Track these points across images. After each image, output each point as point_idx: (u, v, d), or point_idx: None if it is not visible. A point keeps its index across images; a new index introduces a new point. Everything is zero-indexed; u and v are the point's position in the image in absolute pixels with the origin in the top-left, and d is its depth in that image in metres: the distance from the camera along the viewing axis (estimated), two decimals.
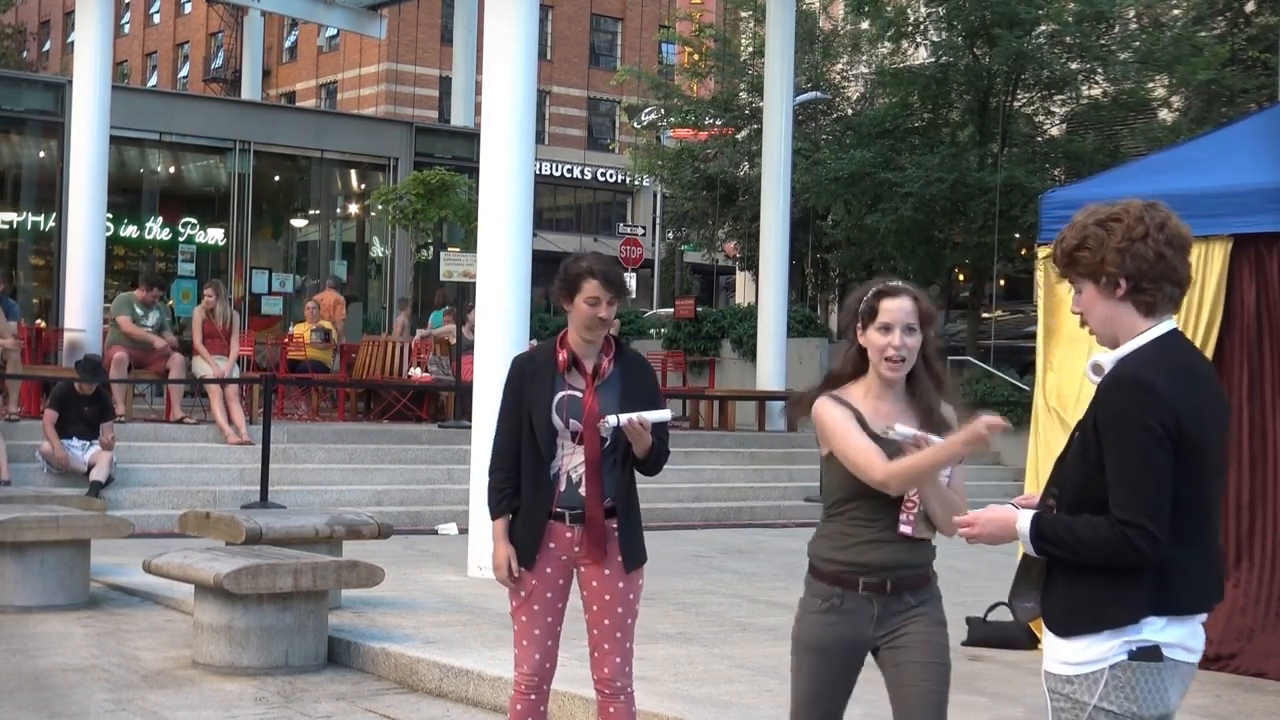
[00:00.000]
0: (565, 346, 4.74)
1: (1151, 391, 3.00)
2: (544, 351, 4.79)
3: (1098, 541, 3.00)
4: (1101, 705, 3.05)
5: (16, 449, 12.57)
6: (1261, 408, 7.09)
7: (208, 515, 8.63)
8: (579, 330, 4.71)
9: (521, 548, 4.71)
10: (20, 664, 7.28)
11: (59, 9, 64.60)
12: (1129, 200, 3.17)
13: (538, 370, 4.72)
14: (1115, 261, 3.10)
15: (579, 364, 4.71)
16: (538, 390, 4.67)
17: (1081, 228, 3.16)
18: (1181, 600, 3.07)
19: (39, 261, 20.88)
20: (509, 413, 4.74)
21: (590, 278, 4.67)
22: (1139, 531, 2.97)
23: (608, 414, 4.63)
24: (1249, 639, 7.04)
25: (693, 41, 31.70)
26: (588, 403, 4.66)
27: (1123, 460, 3.00)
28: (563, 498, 4.69)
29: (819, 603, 3.88)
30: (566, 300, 4.72)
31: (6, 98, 19.30)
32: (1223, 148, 7.91)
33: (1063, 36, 24.13)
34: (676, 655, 7.28)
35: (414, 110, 47.45)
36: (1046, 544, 3.08)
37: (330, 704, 6.66)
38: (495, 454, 4.78)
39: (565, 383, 4.69)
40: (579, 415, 4.66)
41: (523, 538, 4.71)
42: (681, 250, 41.81)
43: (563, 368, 4.70)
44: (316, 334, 18.34)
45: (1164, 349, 3.10)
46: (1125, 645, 3.03)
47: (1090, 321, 3.19)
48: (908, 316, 3.81)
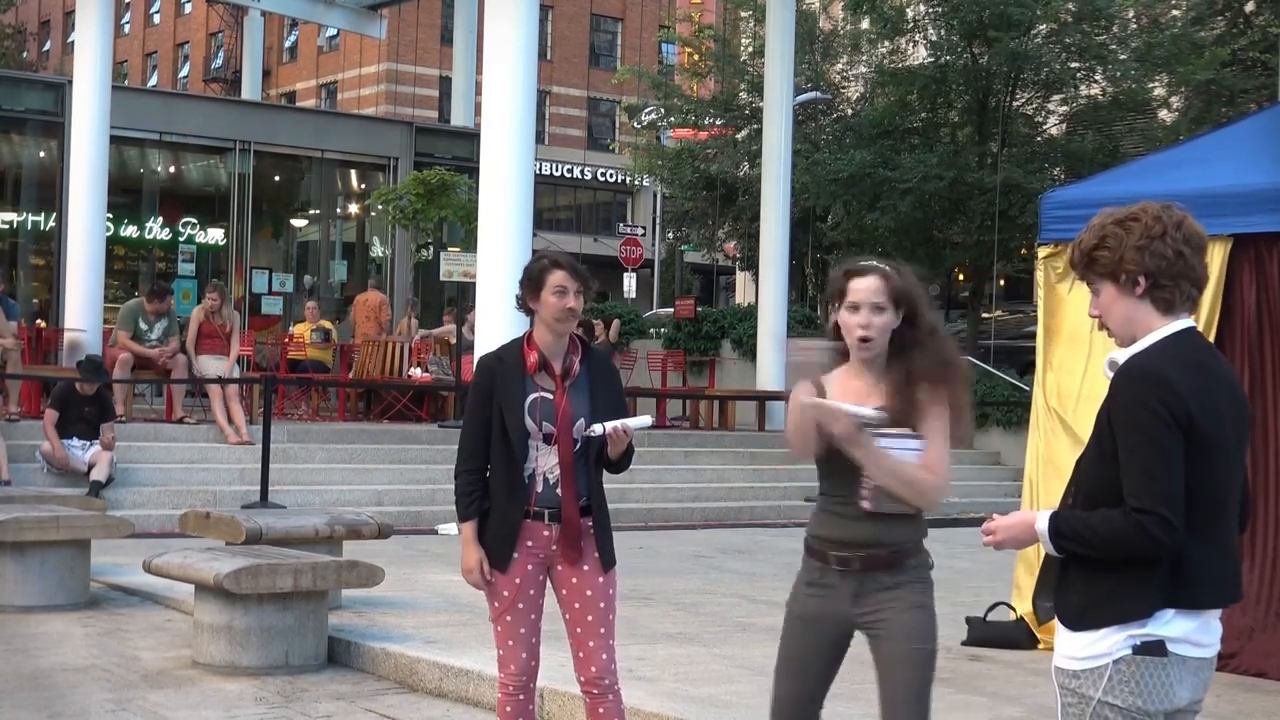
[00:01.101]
0: (534, 347, 4.70)
1: (1163, 382, 3.03)
2: (511, 352, 4.75)
3: (1114, 534, 3.02)
4: (1106, 699, 3.06)
5: (16, 449, 12.57)
6: (1262, 407, 7.10)
7: (208, 515, 8.63)
8: (548, 326, 4.68)
9: (496, 550, 4.66)
10: (20, 664, 7.28)
11: (59, 9, 64.60)
12: (1147, 201, 3.20)
13: (507, 371, 4.67)
14: (1134, 259, 3.13)
15: (548, 365, 4.67)
16: (509, 392, 4.62)
17: (1100, 228, 3.19)
18: (1194, 594, 3.09)
19: (39, 261, 20.90)
20: (477, 414, 4.69)
21: (555, 269, 4.68)
22: (1155, 519, 2.98)
23: (579, 415, 4.62)
24: (1249, 638, 7.04)
25: (693, 42, 31.71)
26: (560, 405, 4.63)
27: (1136, 449, 3.03)
28: (540, 498, 4.64)
29: (805, 575, 4.00)
30: (533, 297, 4.71)
31: (6, 98, 19.32)
32: (1222, 148, 7.91)
33: (1062, 36, 24.14)
34: (676, 655, 7.28)
35: (414, 110, 47.46)
36: (1065, 541, 3.10)
37: (330, 704, 6.66)
38: (463, 454, 4.72)
39: (535, 384, 4.65)
40: (551, 418, 4.62)
41: (497, 540, 4.66)
42: (681, 250, 41.82)
43: (532, 369, 4.66)
44: (316, 334, 18.35)
45: (1179, 344, 3.13)
46: (1130, 639, 3.05)
47: (1109, 321, 3.21)
48: (874, 295, 3.81)
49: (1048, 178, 23.26)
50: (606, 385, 4.76)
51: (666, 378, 20.42)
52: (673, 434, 17.75)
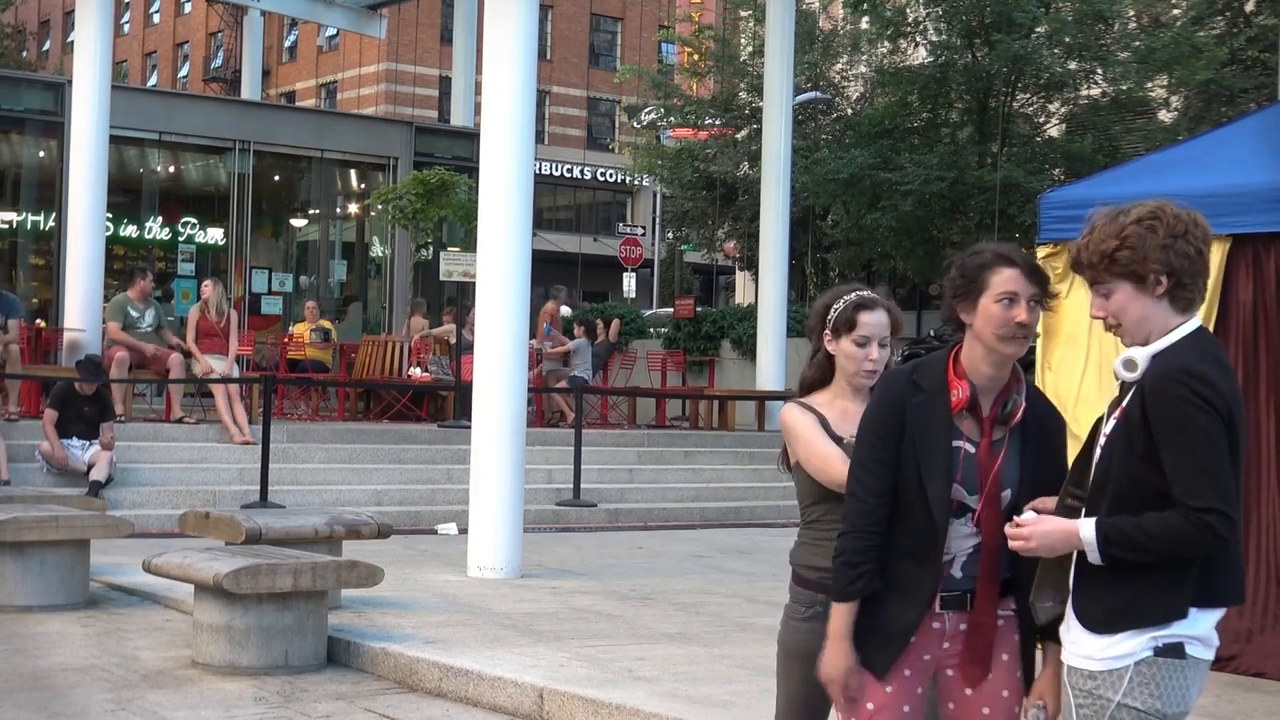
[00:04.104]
0: (963, 376, 3.38)
1: (1205, 381, 3.02)
2: (931, 378, 3.41)
3: (1173, 536, 2.98)
4: (1125, 702, 3.04)
5: (16, 449, 12.58)
6: (1256, 408, 7.10)
7: (207, 515, 8.63)
8: (988, 347, 3.35)
9: (882, 649, 3.40)
10: (20, 664, 7.28)
11: (59, 9, 64.58)
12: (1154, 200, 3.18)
13: (925, 406, 3.37)
14: (1160, 259, 3.10)
15: (977, 405, 3.37)
16: (927, 437, 3.34)
17: (1119, 228, 3.14)
18: (1216, 590, 3.08)
19: (39, 261, 20.87)
20: (876, 458, 3.39)
21: (1002, 265, 3.35)
22: (1219, 517, 2.96)
23: (1009, 485, 3.35)
24: (1248, 640, 7.05)
25: (692, 41, 31.73)
26: (988, 465, 3.36)
27: (1188, 449, 2.99)
28: (945, 585, 3.41)
29: (802, 610, 3.88)
30: (965, 305, 3.38)
31: (6, 98, 19.30)
32: (1221, 147, 7.91)
33: (1062, 36, 24.15)
34: (676, 655, 7.28)
35: (414, 110, 47.45)
36: (1114, 548, 3.02)
37: (330, 704, 6.66)
38: (858, 512, 3.39)
39: (958, 430, 3.37)
40: (975, 482, 3.35)
41: (887, 635, 3.40)
42: (681, 250, 41.83)
43: (957, 407, 3.36)
44: (316, 334, 18.35)
45: (1200, 343, 3.13)
46: (1151, 641, 3.03)
47: (1124, 321, 3.17)
48: (883, 330, 3.87)
49: (1047, 178, 23.28)
50: (1048, 445, 3.45)
51: (666, 378, 20.43)
52: (673, 434, 17.75)
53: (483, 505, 10.09)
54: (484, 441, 10.16)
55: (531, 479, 11.84)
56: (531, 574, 10.08)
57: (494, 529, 10.02)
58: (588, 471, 14.17)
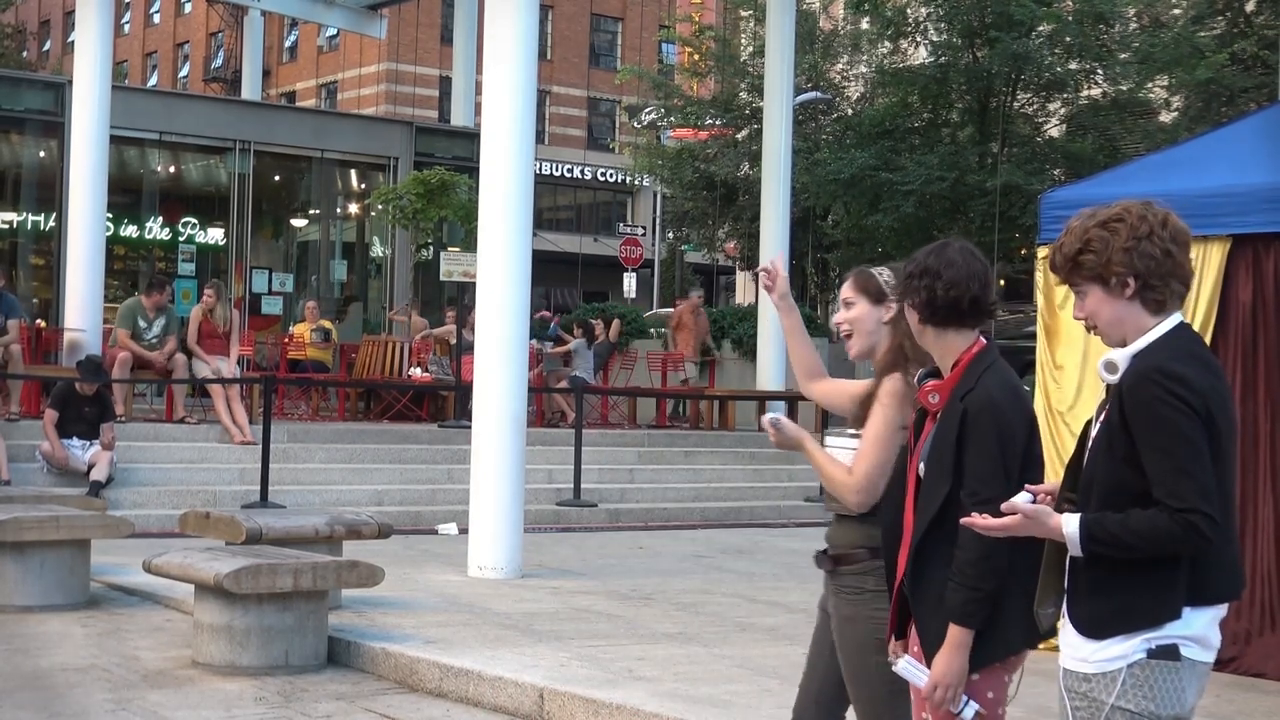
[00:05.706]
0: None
1: (1180, 379, 3.00)
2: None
3: (1156, 534, 2.97)
4: (1119, 704, 3.03)
5: (16, 449, 12.58)
6: (1255, 407, 7.11)
7: (208, 515, 8.64)
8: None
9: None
10: (20, 664, 7.28)
11: (59, 9, 64.58)
12: (1125, 201, 3.17)
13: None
14: (1123, 261, 3.09)
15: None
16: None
17: (1083, 231, 3.14)
18: (1216, 587, 3.07)
19: (39, 261, 20.87)
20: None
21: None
22: (1201, 517, 2.94)
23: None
24: (1247, 642, 7.05)
25: (693, 41, 31.74)
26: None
27: (1165, 450, 2.98)
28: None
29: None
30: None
31: (6, 98, 19.30)
32: (1221, 147, 7.92)
33: (1062, 36, 24.15)
34: (676, 655, 7.28)
35: (414, 110, 47.44)
36: (1097, 545, 3.02)
37: (330, 704, 6.67)
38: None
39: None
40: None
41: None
42: (682, 250, 41.83)
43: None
44: (316, 334, 18.35)
45: (1178, 340, 3.11)
46: (1144, 643, 3.02)
47: (1099, 323, 3.17)
48: (843, 293, 4.00)
49: (1048, 179, 23.28)
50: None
51: (666, 378, 20.42)
52: (673, 434, 17.75)
53: (483, 505, 10.09)
54: (484, 441, 10.16)
55: (532, 479, 11.83)
56: (532, 574, 10.08)
57: (494, 529, 10.02)
58: (588, 471, 14.18)
